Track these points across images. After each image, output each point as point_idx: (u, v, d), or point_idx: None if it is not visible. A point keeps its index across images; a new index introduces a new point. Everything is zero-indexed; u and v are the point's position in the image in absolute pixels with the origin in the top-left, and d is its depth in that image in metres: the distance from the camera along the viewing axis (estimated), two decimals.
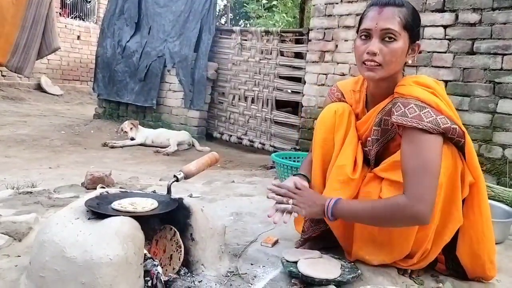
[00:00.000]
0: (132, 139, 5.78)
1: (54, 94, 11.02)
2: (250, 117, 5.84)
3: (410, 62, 1.50)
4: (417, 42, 1.49)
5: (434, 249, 1.49)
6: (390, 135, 1.52)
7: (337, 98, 1.71)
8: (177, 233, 1.44)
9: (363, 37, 1.46)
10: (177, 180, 1.55)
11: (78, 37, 12.38)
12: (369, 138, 1.58)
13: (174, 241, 1.44)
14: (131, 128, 5.87)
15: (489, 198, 2.48)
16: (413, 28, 1.43)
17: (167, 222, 1.49)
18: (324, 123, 1.65)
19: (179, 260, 1.40)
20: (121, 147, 5.68)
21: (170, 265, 1.43)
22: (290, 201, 1.49)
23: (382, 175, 1.53)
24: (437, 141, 1.37)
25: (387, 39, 1.41)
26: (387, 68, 1.44)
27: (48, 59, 11.18)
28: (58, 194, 2.48)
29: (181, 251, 1.41)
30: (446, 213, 1.42)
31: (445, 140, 1.39)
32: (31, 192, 2.45)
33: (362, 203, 1.49)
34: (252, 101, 5.80)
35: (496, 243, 2.05)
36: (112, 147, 5.65)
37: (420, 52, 1.55)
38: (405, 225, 1.44)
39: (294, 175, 1.70)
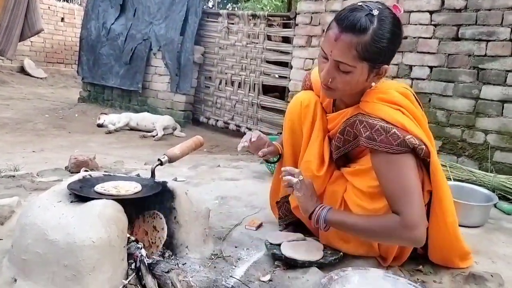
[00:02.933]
0: (99, 125, 5.81)
1: (37, 77, 10.83)
2: (237, 101, 5.81)
3: (373, 84, 1.41)
4: (384, 66, 1.36)
5: (406, 250, 1.52)
6: (352, 146, 1.50)
7: (307, 87, 1.71)
8: (160, 215, 1.44)
9: (323, 55, 1.37)
10: (161, 164, 1.55)
11: (62, 19, 12.14)
12: (333, 141, 1.58)
13: (158, 223, 1.44)
14: (98, 118, 5.94)
15: (470, 183, 2.55)
16: (375, 57, 1.31)
17: (151, 206, 1.49)
18: (291, 114, 1.66)
19: (161, 242, 1.41)
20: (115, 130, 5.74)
21: (152, 247, 1.43)
22: (300, 176, 1.47)
23: (348, 178, 1.54)
24: (410, 158, 1.34)
25: (341, 68, 1.33)
26: (342, 93, 1.42)
27: (31, 41, 10.97)
28: (41, 178, 2.45)
29: (163, 233, 1.42)
30: None
31: None
32: (13, 176, 2.42)
33: (355, 217, 1.44)
34: (239, 86, 5.77)
35: (476, 227, 2.11)
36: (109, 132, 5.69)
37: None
38: (399, 245, 1.47)
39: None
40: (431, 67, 3.46)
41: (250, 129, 5.60)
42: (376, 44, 1.28)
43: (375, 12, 1.28)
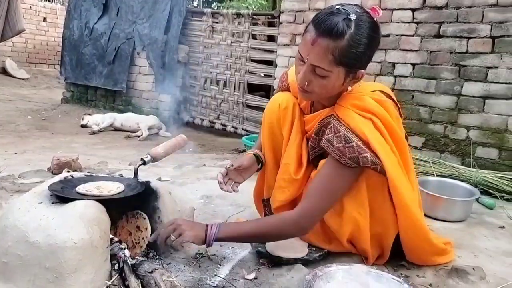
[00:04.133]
0: (83, 126, 5.77)
1: (20, 78, 10.66)
2: (222, 101, 5.80)
3: (350, 88, 1.41)
4: (361, 71, 1.35)
5: (385, 250, 1.53)
6: None
7: (284, 87, 1.70)
8: (143, 215, 1.43)
9: (299, 57, 1.36)
10: (145, 163, 1.54)
11: (44, 19, 11.97)
12: (309, 142, 1.58)
13: (141, 223, 1.43)
14: (82, 119, 5.88)
15: (453, 178, 2.58)
16: (351, 62, 1.30)
17: (135, 206, 1.48)
18: (270, 117, 1.65)
19: (145, 242, 1.40)
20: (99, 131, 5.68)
21: (135, 247, 1.42)
22: (172, 235, 1.37)
23: None
24: (353, 173, 1.37)
25: (317, 72, 1.32)
26: (318, 96, 1.42)
27: (12, 42, 10.81)
28: (23, 180, 2.42)
29: (147, 233, 1.41)
30: (381, 220, 1.46)
31: None
32: None
33: (244, 224, 1.53)
34: (224, 85, 5.75)
35: (459, 221, 2.14)
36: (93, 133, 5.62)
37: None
38: (286, 234, 1.46)
39: (247, 153, 1.73)
40: (413, 64, 3.49)
41: (236, 128, 5.60)
42: (353, 49, 1.27)
43: (353, 17, 1.26)
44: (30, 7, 11.52)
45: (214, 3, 17.23)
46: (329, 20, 1.26)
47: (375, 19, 1.32)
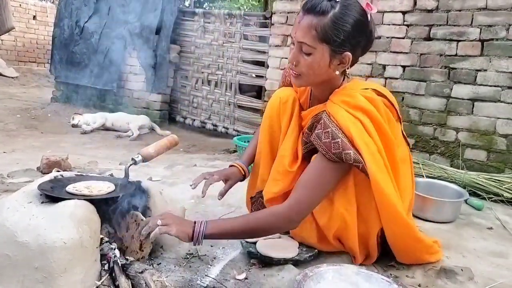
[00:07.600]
0: (74, 126, 5.67)
1: (8, 76, 10.52)
2: (213, 101, 5.79)
3: (337, 73, 1.42)
4: (347, 53, 1.37)
5: (371, 250, 1.54)
6: None
7: (287, 82, 1.73)
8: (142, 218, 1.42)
9: (292, 41, 1.45)
10: (135, 163, 1.54)
11: (34, 17, 11.88)
12: (302, 137, 1.61)
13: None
14: (72, 118, 5.79)
15: (442, 179, 2.61)
16: (334, 40, 1.33)
17: (126, 206, 1.47)
18: (270, 111, 1.69)
19: (150, 245, 1.40)
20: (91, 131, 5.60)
21: (141, 249, 1.41)
22: (158, 221, 1.34)
23: None
24: (340, 167, 1.39)
25: (303, 50, 1.37)
26: (306, 79, 1.44)
27: (1, 40, 10.72)
28: (12, 179, 2.40)
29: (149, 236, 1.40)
30: (365, 219, 1.48)
31: None
32: None
33: (232, 220, 1.45)
34: (216, 85, 5.75)
35: (447, 222, 2.16)
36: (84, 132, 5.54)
37: (356, 62, 1.44)
38: (275, 226, 1.45)
39: (231, 165, 1.75)
40: (404, 67, 3.52)
41: (227, 129, 5.59)
42: (336, 26, 1.32)
43: None
44: (20, 5, 11.42)
45: (206, 3, 17.18)
46: (314, 0, 1.34)
47: (366, 11, 1.37)
